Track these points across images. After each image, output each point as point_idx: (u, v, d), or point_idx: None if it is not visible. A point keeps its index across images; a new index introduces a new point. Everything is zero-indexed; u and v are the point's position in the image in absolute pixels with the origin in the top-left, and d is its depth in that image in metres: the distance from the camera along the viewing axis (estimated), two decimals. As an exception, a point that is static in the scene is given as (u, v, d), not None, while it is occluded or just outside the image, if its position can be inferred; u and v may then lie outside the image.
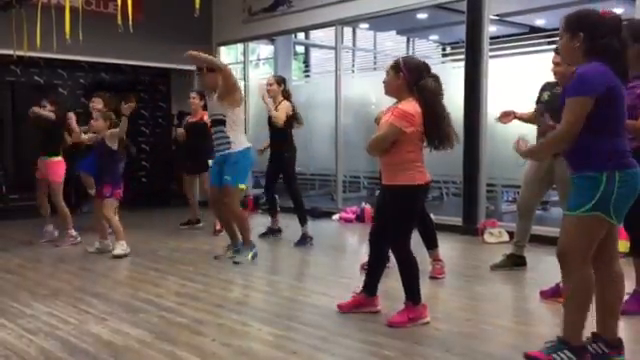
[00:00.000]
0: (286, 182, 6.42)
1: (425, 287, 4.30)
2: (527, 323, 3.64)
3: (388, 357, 3.09)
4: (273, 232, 6.68)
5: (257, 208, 8.85)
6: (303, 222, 6.25)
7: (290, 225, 6.66)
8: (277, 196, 6.79)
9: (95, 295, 4.35)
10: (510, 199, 8.62)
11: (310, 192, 9.89)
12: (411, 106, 3.50)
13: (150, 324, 3.66)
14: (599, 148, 2.76)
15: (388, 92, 3.69)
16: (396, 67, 3.58)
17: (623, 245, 5.31)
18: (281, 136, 6.26)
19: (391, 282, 4.03)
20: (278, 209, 6.73)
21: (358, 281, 3.97)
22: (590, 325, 2.94)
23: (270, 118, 6.22)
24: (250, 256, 5.40)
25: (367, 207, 7.73)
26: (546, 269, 4.74)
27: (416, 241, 4.58)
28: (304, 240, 6.19)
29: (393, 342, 3.30)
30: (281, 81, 6.45)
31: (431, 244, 4.84)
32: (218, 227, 6.71)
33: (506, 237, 6.25)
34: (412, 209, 3.64)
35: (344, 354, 3.16)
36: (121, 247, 5.72)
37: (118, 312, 3.91)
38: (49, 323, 3.69)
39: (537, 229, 5.45)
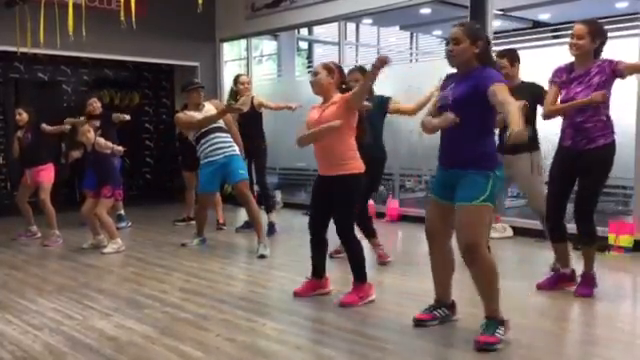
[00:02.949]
0: (258, 173, 6.66)
1: (427, 280, 4.32)
2: (528, 317, 3.64)
3: (391, 351, 3.10)
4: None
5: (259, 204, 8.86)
6: (269, 211, 6.64)
7: (288, 219, 6.66)
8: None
9: (100, 291, 4.37)
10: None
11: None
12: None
13: (154, 319, 3.67)
14: (492, 147, 3.26)
15: (320, 91, 4.00)
16: (329, 69, 3.97)
17: (627, 240, 5.33)
18: (258, 129, 6.55)
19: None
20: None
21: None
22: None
23: (243, 116, 6.38)
24: (268, 251, 5.53)
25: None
26: (544, 261, 4.73)
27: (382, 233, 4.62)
28: (272, 228, 6.51)
29: (395, 336, 3.31)
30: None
31: (371, 234, 5.11)
32: (221, 221, 7.05)
33: (510, 232, 6.25)
34: (358, 195, 4.00)
35: (347, 348, 3.17)
36: (114, 245, 5.74)
37: (123, 308, 3.93)
38: (54, 319, 3.71)
39: (524, 222, 5.50)
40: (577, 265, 4.20)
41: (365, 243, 4.57)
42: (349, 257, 3.99)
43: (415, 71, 7.72)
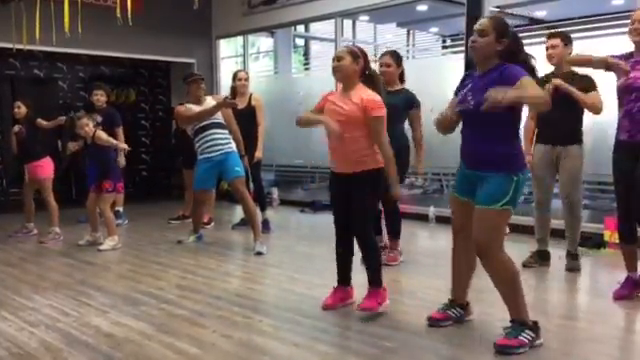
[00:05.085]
0: (254, 170, 6.59)
1: (427, 279, 4.33)
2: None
3: (389, 348, 3.10)
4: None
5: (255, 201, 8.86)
6: (263, 209, 6.62)
7: (284, 216, 6.66)
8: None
9: (96, 288, 4.36)
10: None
11: (310, 185, 9.90)
12: (372, 92, 3.59)
13: (151, 316, 3.67)
14: (517, 148, 3.15)
15: (343, 78, 3.65)
16: (354, 54, 3.62)
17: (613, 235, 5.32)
18: (254, 126, 6.49)
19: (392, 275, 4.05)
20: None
21: (357, 273, 3.95)
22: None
23: (240, 112, 6.27)
24: (264, 248, 5.51)
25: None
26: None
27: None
28: (266, 225, 6.49)
29: (393, 333, 3.31)
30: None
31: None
32: (206, 220, 6.82)
33: (505, 230, 6.24)
34: (380, 192, 3.70)
35: (345, 345, 3.17)
36: (111, 242, 5.74)
37: (119, 304, 3.92)
38: (50, 315, 3.70)
39: (522, 220, 5.54)
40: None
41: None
42: (368, 261, 3.70)
43: (412, 68, 7.69)
